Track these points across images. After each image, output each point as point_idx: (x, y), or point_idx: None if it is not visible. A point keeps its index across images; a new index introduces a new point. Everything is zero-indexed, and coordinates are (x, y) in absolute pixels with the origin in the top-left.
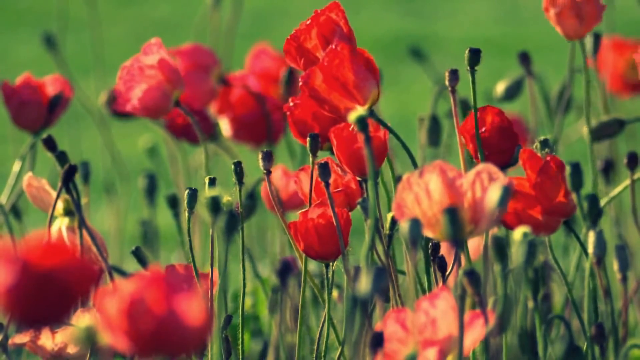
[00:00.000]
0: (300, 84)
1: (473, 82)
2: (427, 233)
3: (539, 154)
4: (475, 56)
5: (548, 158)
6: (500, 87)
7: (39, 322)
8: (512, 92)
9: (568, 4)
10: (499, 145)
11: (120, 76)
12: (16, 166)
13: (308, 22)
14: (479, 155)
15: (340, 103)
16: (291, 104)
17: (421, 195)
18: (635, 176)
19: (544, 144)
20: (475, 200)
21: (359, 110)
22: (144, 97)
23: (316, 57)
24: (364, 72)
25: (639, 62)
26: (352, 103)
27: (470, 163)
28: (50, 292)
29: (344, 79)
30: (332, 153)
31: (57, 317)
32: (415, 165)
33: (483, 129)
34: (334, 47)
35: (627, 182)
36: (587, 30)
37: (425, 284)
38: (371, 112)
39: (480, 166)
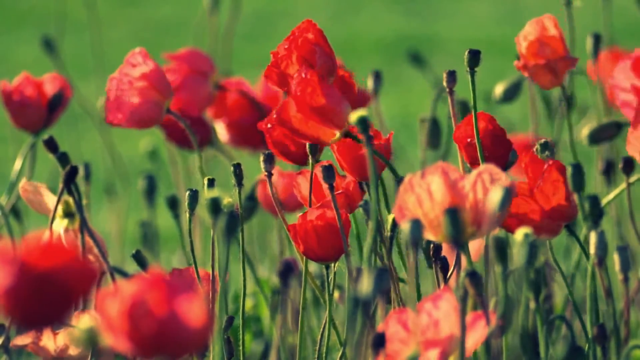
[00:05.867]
0: (274, 117)
1: (473, 84)
2: (429, 235)
3: (539, 157)
4: (474, 57)
5: (550, 162)
6: (499, 89)
7: (38, 324)
8: (511, 94)
9: (541, 65)
10: (493, 151)
11: (109, 88)
12: (16, 166)
13: (286, 46)
14: (473, 161)
15: (318, 131)
16: (269, 125)
17: (423, 196)
18: (632, 179)
19: (544, 146)
20: (477, 202)
21: (360, 111)
22: (135, 110)
23: None
24: (337, 95)
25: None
26: (330, 129)
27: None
28: (49, 293)
29: (318, 106)
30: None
31: (56, 318)
32: (396, 175)
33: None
34: (303, 75)
35: (624, 185)
36: (561, 80)
37: (424, 287)
38: (348, 134)
39: (482, 167)
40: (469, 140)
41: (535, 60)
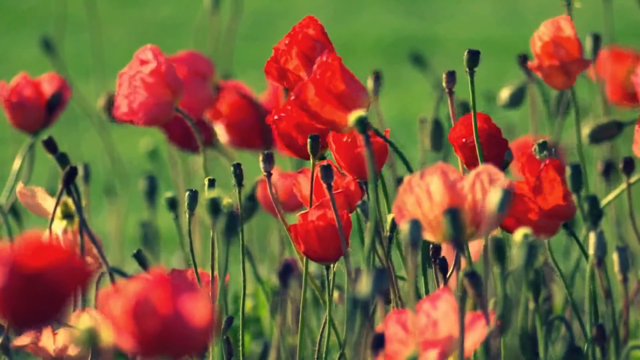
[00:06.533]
0: (292, 98)
1: (472, 84)
2: (428, 236)
3: (537, 157)
4: (474, 58)
5: (547, 161)
6: (505, 94)
7: (30, 324)
8: (517, 98)
9: (555, 67)
10: (488, 151)
11: (120, 83)
12: (15, 166)
13: (287, 42)
14: (469, 161)
15: (334, 115)
16: (276, 117)
17: (422, 197)
18: (632, 180)
19: (542, 146)
20: (476, 202)
21: (359, 112)
22: (147, 107)
23: (299, 77)
24: (356, 82)
25: (636, 83)
26: (346, 115)
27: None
28: (40, 293)
29: (336, 91)
30: (323, 159)
31: (48, 318)
32: (410, 170)
33: (472, 139)
34: (324, 59)
35: (624, 186)
36: (574, 81)
37: (424, 287)
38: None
39: (480, 167)
40: (463, 140)
41: (550, 61)
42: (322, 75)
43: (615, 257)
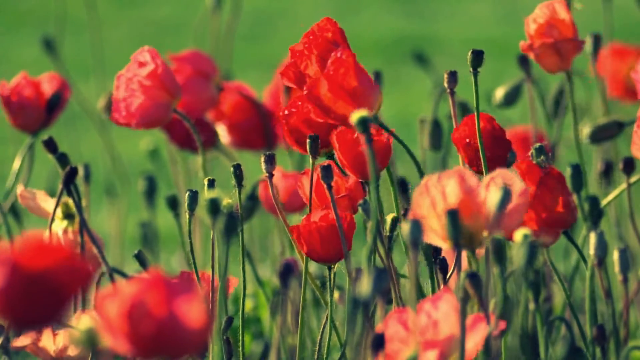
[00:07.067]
0: (305, 92)
1: (475, 84)
2: (439, 241)
3: (537, 165)
4: (478, 57)
5: (547, 170)
6: (499, 93)
7: (31, 324)
8: (511, 97)
9: (547, 45)
10: (492, 152)
11: (117, 86)
12: (15, 166)
13: (306, 45)
14: (471, 162)
15: (346, 111)
16: (285, 112)
17: (437, 199)
18: (632, 180)
19: (539, 151)
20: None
21: (361, 111)
22: (144, 111)
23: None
24: (369, 79)
25: (636, 80)
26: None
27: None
28: (41, 294)
29: (349, 87)
30: (330, 157)
31: (49, 318)
32: (419, 169)
33: (475, 139)
34: (338, 55)
35: (624, 186)
36: (568, 64)
37: (426, 287)
38: (375, 118)
39: (496, 172)
40: (467, 140)
41: (542, 40)
42: (336, 71)
43: (615, 257)
